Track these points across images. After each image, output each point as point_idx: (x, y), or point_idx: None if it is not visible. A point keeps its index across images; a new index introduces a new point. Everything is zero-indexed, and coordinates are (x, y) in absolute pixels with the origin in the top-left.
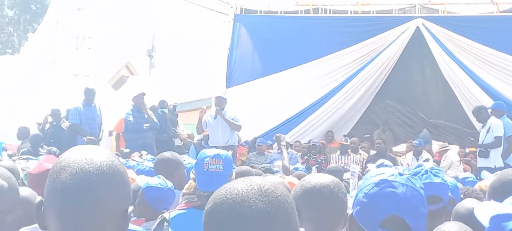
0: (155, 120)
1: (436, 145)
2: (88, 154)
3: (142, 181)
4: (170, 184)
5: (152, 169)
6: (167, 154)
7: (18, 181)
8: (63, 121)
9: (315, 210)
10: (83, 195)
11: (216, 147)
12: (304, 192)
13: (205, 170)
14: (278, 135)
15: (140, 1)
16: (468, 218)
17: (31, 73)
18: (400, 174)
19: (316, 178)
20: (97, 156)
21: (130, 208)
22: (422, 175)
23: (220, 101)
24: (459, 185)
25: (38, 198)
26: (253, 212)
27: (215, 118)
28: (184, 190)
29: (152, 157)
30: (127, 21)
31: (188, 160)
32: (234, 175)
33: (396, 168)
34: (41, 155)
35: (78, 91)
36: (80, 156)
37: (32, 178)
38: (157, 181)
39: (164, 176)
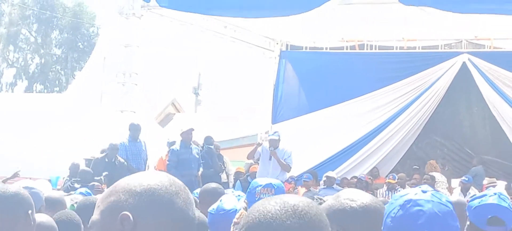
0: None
1: (484, 181)
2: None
3: None
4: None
5: None
6: (213, 185)
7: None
8: (117, 156)
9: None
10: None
11: None
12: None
13: (256, 199)
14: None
15: (186, 39)
16: None
17: (78, 109)
18: (424, 191)
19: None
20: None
21: None
22: (490, 196)
23: (273, 143)
24: None
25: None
26: None
27: (270, 159)
28: (235, 219)
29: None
30: (173, 58)
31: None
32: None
33: None
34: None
35: (124, 127)
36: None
37: None
38: None
39: (207, 206)
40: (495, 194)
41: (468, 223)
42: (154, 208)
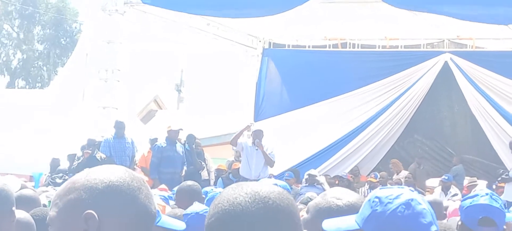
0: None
1: (465, 180)
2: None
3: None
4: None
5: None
6: (189, 183)
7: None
8: (97, 151)
9: None
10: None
11: (245, 179)
12: None
13: None
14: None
15: (169, 36)
16: None
17: (60, 105)
18: (412, 190)
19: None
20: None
21: None
22: (481, 196)
23: (258, 134)
24: None
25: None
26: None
27: (256, 150)
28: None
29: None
30: (156, 55)
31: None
32: None
33: None
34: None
35: (106, 124)
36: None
37: None
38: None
39: (184, 204)
40: (486, 194)
41: (459, 223)
42: (117, 205)
